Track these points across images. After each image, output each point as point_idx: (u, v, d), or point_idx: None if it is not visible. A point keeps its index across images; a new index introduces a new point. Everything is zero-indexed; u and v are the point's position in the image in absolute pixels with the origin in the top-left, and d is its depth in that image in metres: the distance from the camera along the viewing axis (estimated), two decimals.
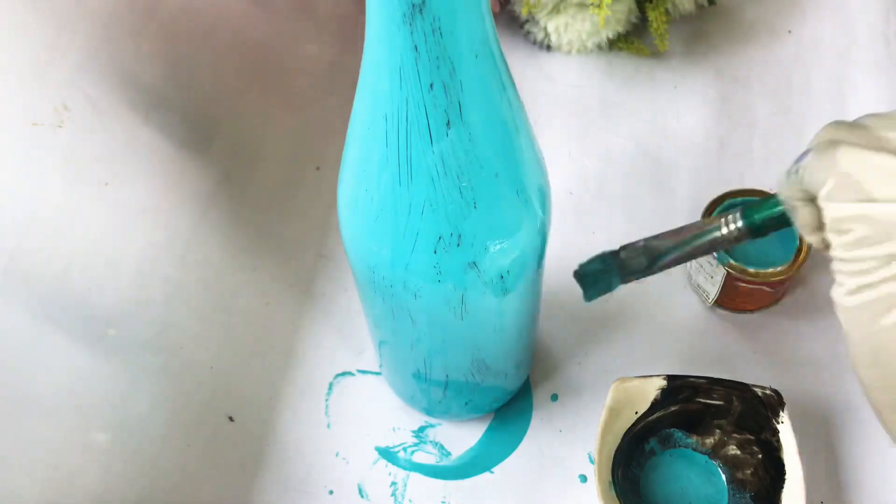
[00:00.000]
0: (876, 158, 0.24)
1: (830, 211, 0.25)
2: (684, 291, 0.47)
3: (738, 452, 0.39)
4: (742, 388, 0.38)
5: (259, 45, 0.54)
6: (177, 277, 0.44)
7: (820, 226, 0.27)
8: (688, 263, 0.46)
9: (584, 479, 0.41)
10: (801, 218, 0.27)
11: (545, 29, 0.56)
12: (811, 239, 0.28)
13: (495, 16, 0.55)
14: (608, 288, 0.34)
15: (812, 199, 0.27)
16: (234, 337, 0.45)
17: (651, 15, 0.54)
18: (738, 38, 0.58)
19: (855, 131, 0.26)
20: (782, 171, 0.28)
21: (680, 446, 0.40)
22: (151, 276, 0.43)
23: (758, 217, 0.30)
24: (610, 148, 0.53)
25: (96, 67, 0.42)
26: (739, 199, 0.44)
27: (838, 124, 0.27)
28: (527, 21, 0.57)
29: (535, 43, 0.57)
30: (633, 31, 0.57)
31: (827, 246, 0.26)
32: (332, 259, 0.49)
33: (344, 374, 0.45)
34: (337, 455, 0.42)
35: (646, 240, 0.33)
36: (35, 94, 0.39)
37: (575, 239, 0.49)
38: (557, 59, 0.57)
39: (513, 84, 0.27)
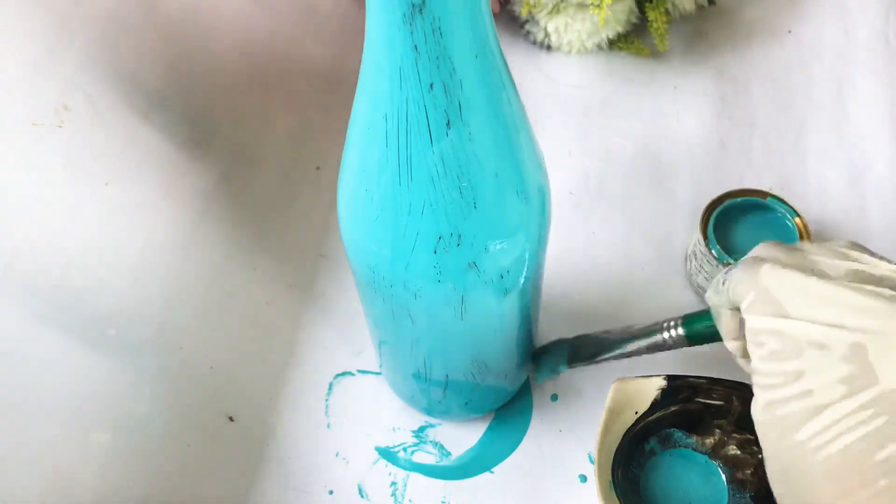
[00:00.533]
0: (795, 278, 0.25)
1: (749, 322, 0.26)
2: (684, 291, 0.47)
3: (738, 452, 0.39)
4: (742, 388, 0.38)
5: (259, 45, 0.54)
6: (177, 277, 0.44)
7: (740, 335, 0.28)
8: (687, 263, 0.46)
9: (584, 478, 0.41)
10: (725, 324, 0.29)
11: (545, 29, 0.56)
12: (731, 346, 0.29)
13: (495, 16, 0.55)
14: (555, 371, 0.38)
15: (738, 309, 0.28)
16: (234, 337, 0.45)
17: (651, 15, 0.54)
18: (738, 38, 0.58)
19: (787, 252, 0.27)
20: (712, 283, 0.30)
21: (680, 446, 0.40)
22: (151, 276, 0.43)
23: (696, 326, 0.32)
24: (610, 148, 0.53)
25: (96, 67, 0.42)
26: (740, 198, 0.44)
27: (774, 244, 0.28)
28: (527, 21, 0.57)
29: (535, 43, 0.57)
30: (633, 31, 0.57)
31: (745, 355, 0.27)
32: (332, 259, 0.49)
33: (344, 374, 0.45)
34: (337, 455, 0.42)
35: (598, 332, 0.37)
36: (35, 94, 0.39)
37: (575, 239, 0.49)
38: (557, 59, 0.57)
39: (513, 84, 0.27)
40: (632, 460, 0.39)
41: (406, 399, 0.42)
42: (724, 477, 0.39)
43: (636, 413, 0.39)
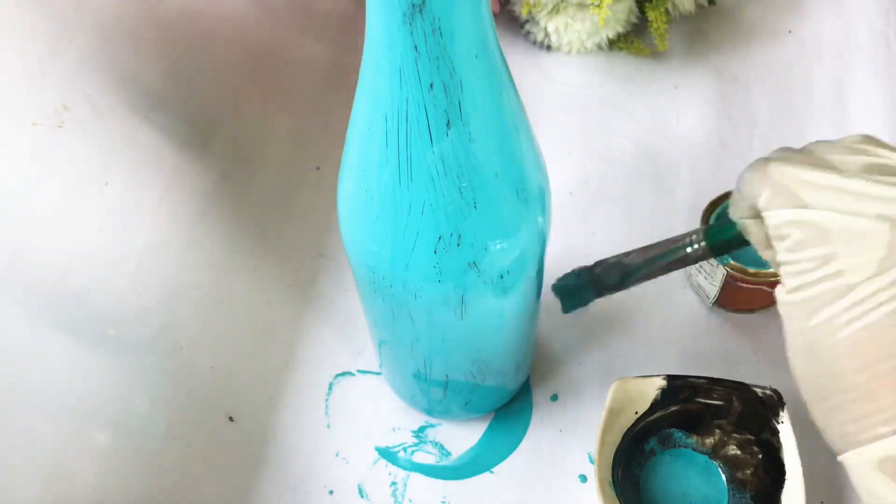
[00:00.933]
0: (806, 171, 0.25)
1: (770, 218, 0.26)
2: (684, 291, 0.47)
3: (738, 452, 0.39)
4: (742, 388, 0.38)
5: (259, 45, 0.54)
6: (177, 277, 0.44)
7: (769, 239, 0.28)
8: None
9: (584, 479, 0.41)
10: (755, 235, 0.29)
11: (545, 29, 0.56)
12: (765, 255, 0.29)
13: (495, 16, 0.55)
14: (584, 302, 0.36)
15: (760, 216, 0.28)
16: (234, 337, 0.45)
17: (651, 15, 0.54)
18: (738, 38, 0.58)
19: (796, 152, 0.27)
20: (732, 197, 0.29)
21: (680, 446, 0.40)
22: (151, 276, 0.43)
23: (718, 237, 0.32)
24: (610, 148, 0.53)
25: (96, 67, 0.42)
26: None
27: (784, 148, 0.28)
28: (527, 21, 0.57)
29: (535, 43, 0.57)
30: (633, 31, 0.57)
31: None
32: (332, 259, 0.49)
33: (344, 374, 0.45)
34: (337, 455, 0.42)
35: (617, 256, 0.35)
36: (35, 94, 0.39)
37: (575, 239, 0.49)
38: (557, 59, 0.57)
39: (513, 84, 0.27)
40: (632, 460, 0.39)
41: (406, 399, 0.42)
42: (724, 477, 0.39)
43: (636, 413, 0.39)
